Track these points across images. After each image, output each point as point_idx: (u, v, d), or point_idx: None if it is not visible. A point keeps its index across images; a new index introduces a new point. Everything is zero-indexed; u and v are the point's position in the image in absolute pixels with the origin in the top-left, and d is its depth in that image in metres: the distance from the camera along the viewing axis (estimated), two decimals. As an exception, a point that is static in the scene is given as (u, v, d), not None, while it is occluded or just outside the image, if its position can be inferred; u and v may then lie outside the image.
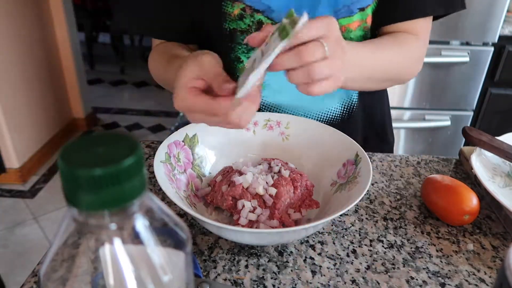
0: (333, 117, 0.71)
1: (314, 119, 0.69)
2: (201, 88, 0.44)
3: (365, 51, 0.58)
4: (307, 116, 0.69)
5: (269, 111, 0.68)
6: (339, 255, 0.51)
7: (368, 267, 0.49)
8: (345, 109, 0.72)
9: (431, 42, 1.83)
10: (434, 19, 0.68)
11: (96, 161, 0.20)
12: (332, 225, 0.56)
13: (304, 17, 0.38)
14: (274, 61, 0.41)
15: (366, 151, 0.56)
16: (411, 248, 0.53)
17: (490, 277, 0.49)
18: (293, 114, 0.67)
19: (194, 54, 0.47)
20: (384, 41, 0.64)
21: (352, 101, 0.72)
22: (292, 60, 0.42)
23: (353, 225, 0.56)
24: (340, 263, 0.50)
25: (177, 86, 0.45)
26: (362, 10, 0.64)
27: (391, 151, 0.85)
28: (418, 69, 0.69)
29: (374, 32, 0.69)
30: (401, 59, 0.64)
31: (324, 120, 0.70)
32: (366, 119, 0.76)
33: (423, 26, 0.67)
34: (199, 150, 0.60)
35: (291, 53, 0.42)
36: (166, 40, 0.69)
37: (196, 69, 0.44)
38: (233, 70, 0.66)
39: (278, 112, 0.68)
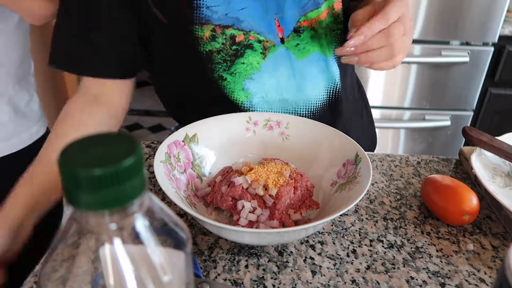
0: (320, 105, 0.71)
1: (303, 111, 0.69)
2: None
3: None
4: (295, 110, 0.69)
5: (260, 111, 0.68)
6: (339, 255, 0.51)
7: (368, 267, 0.49)
8: (330, 95, 0.72)
9: (431, 42, 1.82)
10: None
11: (96, 161, 0.20)
12: (332, 225, 0.56)
13: None
14: (369, 42, 0.51)
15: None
16: (411, 248, 0.53)
17: (490, 277, 0.49)
18: (282, 112, 0.68)
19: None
20: None
21: (336, 85, 0.72)
22: (382, 40, 0.51)
23: (353, 225, 0.56)
24: (340, 263, 0.50)
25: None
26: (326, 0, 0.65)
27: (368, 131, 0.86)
28: None
29: (346, 12, 0.69)
30: None
31: (313, 110, 0.70)
32: (346, 99, 0.76)
33: None
34: (199, 150, 0.60)
35: (381, 35, 0.51)
36: (102, 77, 0.64)
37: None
38: (218, 88, 0.66)
39: (269, 111, 0.68)
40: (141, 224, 0.23)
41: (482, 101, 1.77)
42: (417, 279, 0.48)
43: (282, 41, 0.65)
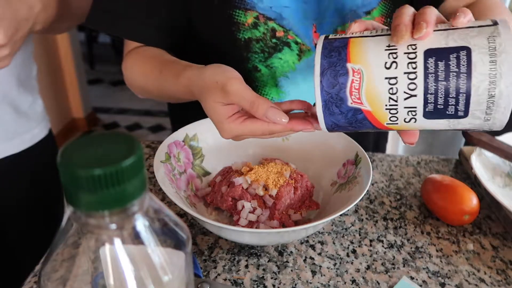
0: None
1: None
2: (240, 112, 0.45)
3: None
4: None
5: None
6: (339, 255, 0.51)
7: (368, 267, 0.49)
8: None
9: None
10: None
11: (96, 161, 0.20)
12: (332, 225, 0.56)
13: None
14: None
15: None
16: (411, 248, 0.53)
17: (490, 277, 0.49)
18: None
19: (214, 79, 0.45)
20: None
21: None
22: None
23: (353, 225, 0.56)
24: (340, 263, 0.50)
25: (214, 120, 0.45)
26: (369, 14, 0.64)
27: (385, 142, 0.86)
28: None
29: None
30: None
31: None
32: None
33: None
34: (199, 150, 0.60)
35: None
36: (153, 46, 0.63)
37: (223, 97, 0.44)
38: (251, 79, 0.65)
39: None
40: (141, 224, 0.23)
41: (482, 101, 1.77)
42: (417, 279, 0.48)
43: None
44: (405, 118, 0.36)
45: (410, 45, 0.35)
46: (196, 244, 0.52)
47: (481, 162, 0.63)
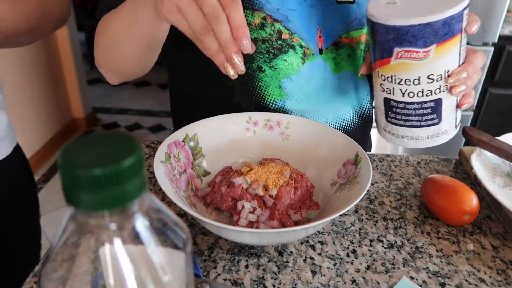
0: (348, 124, 0.72)
1: (333, 126, 0.70)
2: None
3: None
4: (325, 123, 0.69)
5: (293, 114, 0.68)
6: (339, 255, 0.51)
7: (368, 267, 0.49)
8: (357, 117, 0.72)
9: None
10: None
11: (96, 161, 0.20)
12: (332, 225, 0.56)
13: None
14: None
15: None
16: (411, 248, 0.53)
17: (490, 277, 0.49)
18: (313, 119, 0.67)
19: None
20: None
21: (362, 108, 0.72)
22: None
23: (353, 225, 0.56)
24: (340, 263, 0.50)
25: None
26: None
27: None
28: None
29: None
30: None
31: (342, 124, 0.71)
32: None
33: None
34: (199, 150, 0.60)
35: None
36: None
37: None
38: (255, 79, 0.65)
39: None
40: (141, 224, 0.23)
41: (482, 101, 1.77)
42: (417, 279, 0.48)
43: (321, 52, 0.65)
44: None
45: None
46: (196, 244, 0.52)
47: (481, 162, 0.63)
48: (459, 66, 0.51)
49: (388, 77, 0.52)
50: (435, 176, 0.59)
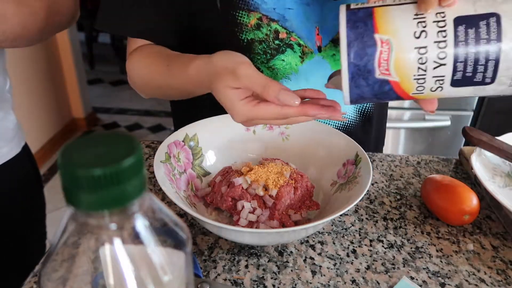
0: (349, 122, 0.71)
1: (333, 123, 0.69)
2: (252, 96, 0.44)
3: None
4: (326, 122, 0.69)
5: None
6: (339, 255, 0.51)
7: (368, 267, 0.49)
8: (358, 114, 0.72)
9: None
10: None
11: (96, 161, 0.20)
12: (332, 225, 0.56)
13: None
14: None
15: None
16: (411, 248, 0.53)
17: (490, 277, 0.49)
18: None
19: (224, 64, 0.45)
20: None
21: (364, 104, 0.72)
22: None
23: (353, 225, 0.56)
24: (340, 263, 0.50)
25: (227, 104, 0.45)
26: None
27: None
28: None
29: None
30: None
31: (342, 127, 0.71)
32: (377, 124, 0.77)
33: None
34: (199, 150, 0.60)
35: None
36: (155, 43, 0.63)
37: (234, 82, 0.44)
38: None
39: None
40: (141, 224, 0.23)
41: (482, 101, 1.77)
42: (417, 279, 0.48)
43: (319, 49, 0.65)
44: (431, 87, 0.36)
45: (439, 13, 0.34)
46: (196, 244, 0.52)
47: (481, 162, 0.63)
48: None
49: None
50: (435, 176, 0.59)
